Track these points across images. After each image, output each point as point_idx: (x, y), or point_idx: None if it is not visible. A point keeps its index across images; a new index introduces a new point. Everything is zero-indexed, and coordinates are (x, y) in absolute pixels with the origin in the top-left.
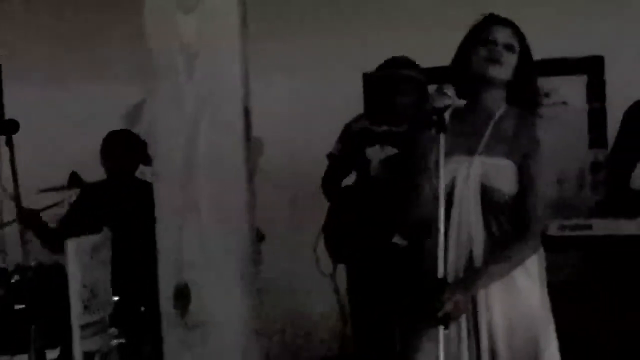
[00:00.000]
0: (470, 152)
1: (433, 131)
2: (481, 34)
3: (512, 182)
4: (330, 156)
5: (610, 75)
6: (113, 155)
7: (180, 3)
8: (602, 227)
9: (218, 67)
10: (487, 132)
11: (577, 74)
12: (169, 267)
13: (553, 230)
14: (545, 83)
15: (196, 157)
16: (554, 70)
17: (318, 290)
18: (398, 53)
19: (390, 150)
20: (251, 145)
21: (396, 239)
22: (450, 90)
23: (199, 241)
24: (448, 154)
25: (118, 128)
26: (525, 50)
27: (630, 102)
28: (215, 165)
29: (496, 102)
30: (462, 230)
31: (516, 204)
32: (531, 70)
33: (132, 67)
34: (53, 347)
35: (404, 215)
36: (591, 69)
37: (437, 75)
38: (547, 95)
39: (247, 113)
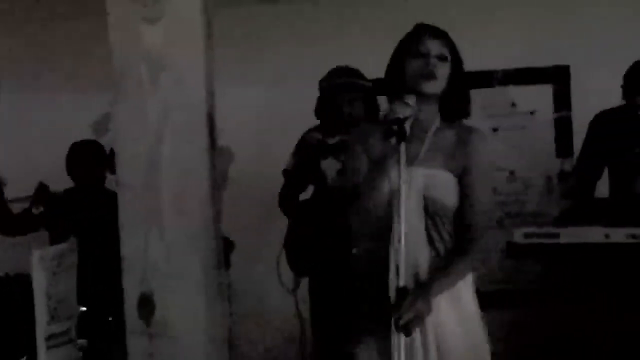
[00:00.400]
0: (410, 163)
1: (393, 140)
2: (413, 45)
3: (454, 194)
4: (285, 172)
5: (576, 84)
6: (78, 167)
7: (145, 14)
8: (569, 235)
9: (182, 77)
10: (425, 144)
11: (544, 84)
12: (133, 276)
13: (519, 238)
14: (513, 92)
15: (160, 165)
16: (521, 80)
17: (289, 299)
18: (374, 60)
19: None
20: (220, 154)
21: (356, 250)
22: (412, 100)
23: (163, 250)
24: (390, 165)
25: (88, 137)
26: (457, 59)
27: (596, 111)
28: (179, 173)
29: (431, 115)
30: (407, 241)
31: (456, 216)
32: (463, 79)
33: (101, 77)
34: (17, 358)
35: (358, 226)
36: (557, 78)
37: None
38: (514, 104)
39: (211, 122)
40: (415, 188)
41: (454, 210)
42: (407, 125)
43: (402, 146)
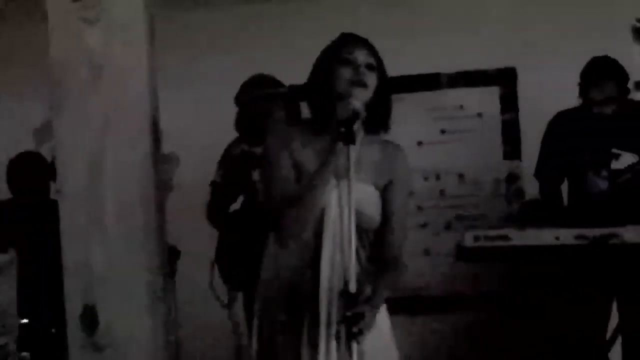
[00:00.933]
0: (339, 176)
1: (341, 143)
2: (341, 53)
3: (378, 208)
4: (213, 184)
5: (523, 86)
6: (19, 180)
7: (85, 14)
8: (519, 237)
9: (124, 79)
10: (351, 157)
11: (491, 86)
12: (76, 286)
13: (469, 241)
14: (460, 94)
15: (102, 172)
16: (468, 82)
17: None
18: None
19: None
20: (166, 160)
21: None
22: (357, 102)
23: (106, 259)
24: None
25: (30, 145)
26: (382, 70)
27: (543, 113)
28: (122, 180)
29: (357, 125)
30: (336, 252)
31: (378, 231)
32: (389, 90)
33: (42, 82)
34: None
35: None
36: (504, 80)
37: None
38: (461, 107)
39: (155, 126)
40: (346, 200)
41: (378, 224)
42: (355, 127)
43: (352, 149)
